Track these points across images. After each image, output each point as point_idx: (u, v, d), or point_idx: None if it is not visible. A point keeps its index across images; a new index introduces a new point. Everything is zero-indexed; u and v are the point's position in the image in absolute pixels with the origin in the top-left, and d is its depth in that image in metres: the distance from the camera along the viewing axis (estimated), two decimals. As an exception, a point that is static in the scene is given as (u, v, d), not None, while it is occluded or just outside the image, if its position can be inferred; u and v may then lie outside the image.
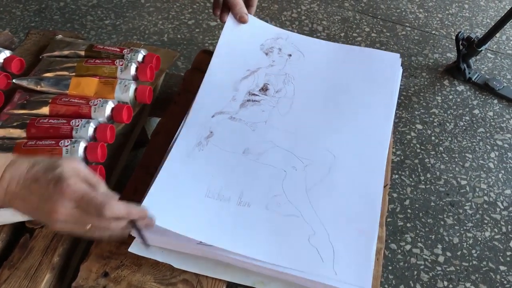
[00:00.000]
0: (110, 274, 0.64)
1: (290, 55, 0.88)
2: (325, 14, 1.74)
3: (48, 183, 0.48)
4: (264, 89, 0.83)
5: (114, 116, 0.79)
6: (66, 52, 0.91)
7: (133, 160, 0.85)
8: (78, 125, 0.77)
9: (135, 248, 0.66)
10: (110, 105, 0.80)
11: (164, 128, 0.82)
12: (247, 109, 0.80)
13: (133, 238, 0.67)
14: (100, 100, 0.80)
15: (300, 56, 0.88)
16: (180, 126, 0.78)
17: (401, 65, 0.87)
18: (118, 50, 0.90)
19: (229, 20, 0.88)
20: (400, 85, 0.85)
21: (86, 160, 0.75)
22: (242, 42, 0.88)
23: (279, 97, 0.83)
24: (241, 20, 0.88)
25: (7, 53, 0.87)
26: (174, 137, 0.77)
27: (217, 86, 0.83)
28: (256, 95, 0.82)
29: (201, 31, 1.63)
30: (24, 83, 0.84)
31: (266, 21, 0.94)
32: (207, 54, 0.94)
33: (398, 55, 0.87)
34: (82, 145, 0.74)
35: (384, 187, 0.75)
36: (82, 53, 0.90)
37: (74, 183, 0.49)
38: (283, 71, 0.86)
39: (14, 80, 0.84)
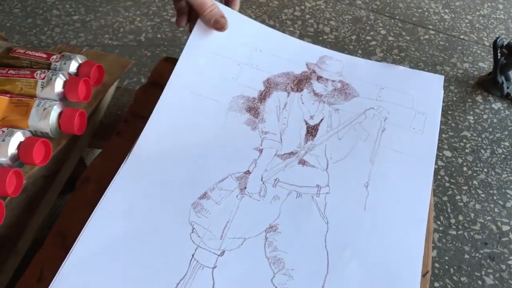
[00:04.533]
0: None
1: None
2: (334, 13, 1.48)
3: None
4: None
5: (22, 155, 0.54)
6: (-25, 58, 0.65)
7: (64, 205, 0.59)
8: (-35, 170, 0.51)
9: None
10: (17, 138, 0.54)
11: (97, 173, 0.56)
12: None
13: None
14: (3, 131, 0.54)
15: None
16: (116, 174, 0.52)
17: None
18: (44, 56, 0.64)
19: (197, 28, 0.61)
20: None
21: (-32, 225, 0.49)
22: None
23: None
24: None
25: None
26: (105, 192, 0.51)
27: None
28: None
29: (185, 30, 1.37)
30: None
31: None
32: (171, 63, 0.68)
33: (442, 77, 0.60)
34: (-36, 201, 0.49)
35: (423, 276, 0.49)
36: (-4, 59, 0.65)
37: None
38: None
39: None
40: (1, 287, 0.55)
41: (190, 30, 0.63)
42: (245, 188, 0.51)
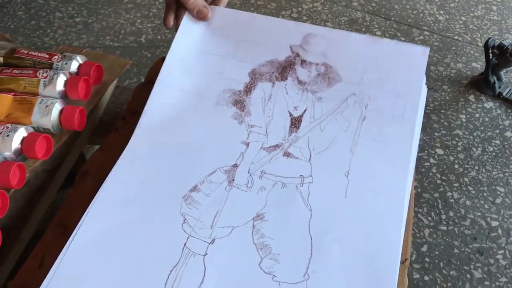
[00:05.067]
0: None
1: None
2: (330, 15, 1.51)
3: None
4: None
5: (25, 149, 0.57)
6: (-19, 58, 0.69)
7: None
8: (-29, 163, 0.55)
9: None
10: (20, 133, 0.57)
11: (96, 167, 0.59)
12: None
13: None
14: (7, 127, 0.58)
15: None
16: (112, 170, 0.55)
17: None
18: (46, 56, 0.67)
19: (184, 21, 0.64)
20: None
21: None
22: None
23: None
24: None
25: None
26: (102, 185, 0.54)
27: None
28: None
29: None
30: None
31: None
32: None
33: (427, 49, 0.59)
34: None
35: (402, 263, 0.52)
36: (1, 59, 0.68)
37: None
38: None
39: None
40: (4, 275, 0.58)
41: (177, 30, 0.65)
42: (233, 180, 0.54)
